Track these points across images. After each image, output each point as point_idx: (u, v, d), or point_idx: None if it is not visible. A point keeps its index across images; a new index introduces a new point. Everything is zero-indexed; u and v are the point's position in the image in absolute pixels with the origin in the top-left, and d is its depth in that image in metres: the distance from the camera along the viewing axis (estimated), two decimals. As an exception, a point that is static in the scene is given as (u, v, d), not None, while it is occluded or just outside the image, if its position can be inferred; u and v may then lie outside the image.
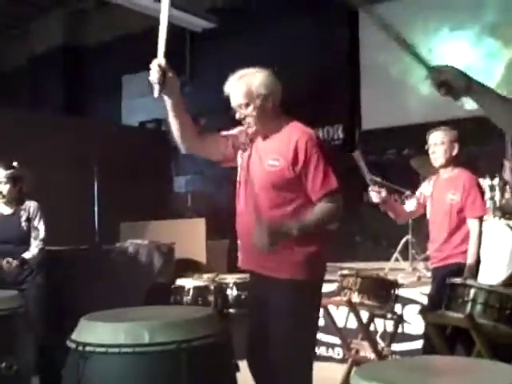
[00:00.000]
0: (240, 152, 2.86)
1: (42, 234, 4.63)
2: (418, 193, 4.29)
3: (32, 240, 4.61)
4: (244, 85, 2.70)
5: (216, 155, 2.91)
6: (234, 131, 2.90)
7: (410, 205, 4.30)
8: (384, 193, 4.00)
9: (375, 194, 4.00)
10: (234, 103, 2.75)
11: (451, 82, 1.99)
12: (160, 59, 2.60)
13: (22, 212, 4.64)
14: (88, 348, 2.18)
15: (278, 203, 2.69)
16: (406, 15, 8.56)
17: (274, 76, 2.77)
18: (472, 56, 8.15)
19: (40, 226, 4.63)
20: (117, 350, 2.14)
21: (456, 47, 8.23)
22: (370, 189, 4.04)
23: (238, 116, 2.76)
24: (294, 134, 2.69)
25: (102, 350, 2.16)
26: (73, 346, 2.23)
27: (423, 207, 4.22)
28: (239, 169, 2.86)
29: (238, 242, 2.85)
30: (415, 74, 8.56)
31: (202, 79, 10.05)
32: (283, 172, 2.66)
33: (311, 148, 2.65)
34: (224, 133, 2.91)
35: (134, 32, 10.87)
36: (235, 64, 2.81)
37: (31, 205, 4.66)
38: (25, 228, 4.61)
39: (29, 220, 4.63)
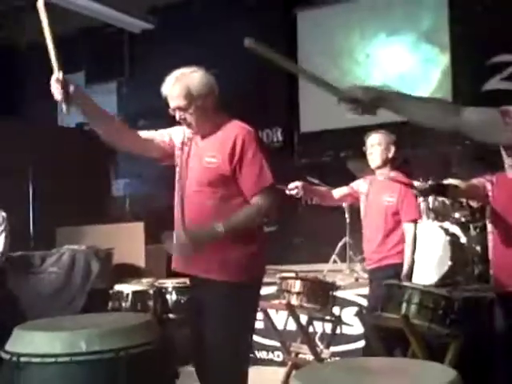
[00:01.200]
0: (178, 152, 2.85)
1: (1, 241, 4.45)
2: (353, 184, 4.35)
3: None
4: (182, 86, 2.68)
5: (153, 152, 2.88)
6: (171, 129, 2.89)
7: (338, 191, 4.33)
8: (298, 183, 3.94)
9: (295, 191, 3.92)
10: (173, 105, 2.73)
11: (362, 97, 2.01)
12: (56, 75, 2.57)
13: None
14: (23, 358, 2.13)
15: (215, 201, 2.68)
16: (344, 20, 8.72)
17: (210, 74, 2.77)
18: (409, 62, 8.34)
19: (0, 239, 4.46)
20: (53, 359, 2.11)
21: (393, 53, 8.41)
22: (287, 192, 3.98)
23: (177, 118, 2.75)
24: (232, 131, 2.71)
25: (38, 360, 2.12)
26: (7, 356, 2.18)
27: (352, 197, 4.28)
28: (177, 168, 2.85)
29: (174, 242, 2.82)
30: (351, 77, 8.73)
31: (141, 80, 9.94)
32: (220, 168, 2.67)
33: (248, 144, 2.66)
34: (160, 130, 2.90)
35: (70, 32, 10.66)
36: (174, 65, 2.80)
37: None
38: None
39: None
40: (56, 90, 2.53)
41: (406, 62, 8.40)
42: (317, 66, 8.87)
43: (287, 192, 3.95)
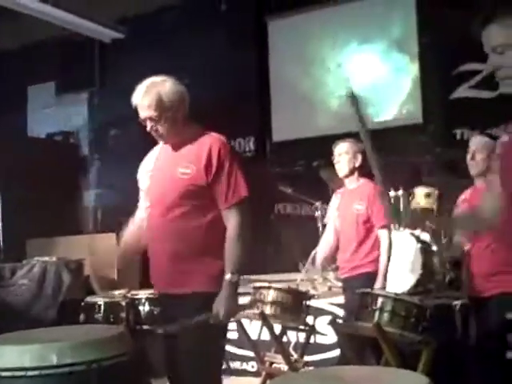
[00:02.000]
0: (145, 174, 2.83)
1: None
2: (329, 212, 4.39)
3: None
4: (153, 96, 2.65)
5: None
6: (138, 176, 2.90)
7: (330, 235, 4.35)
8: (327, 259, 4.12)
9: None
10: (143, 116, 2.70)
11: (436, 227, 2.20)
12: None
13: None
14: (-8, 373, 2.09)
15: (188, 213, 2.66)
16: (315, 29, 8.77)
17: (180, 84, 2.75)
18: (380, 71, 8.42)
19: None
20: (23, 373, 2.07)
21: (365, 62, 8.48)
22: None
23: (148, 128, 2.72)
24: (206, 141, 2.69)
25: (8, 374, 2.09)
26: (-25, 371, 2.14)
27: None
28: (148, 181, 2.82)
29: (151, 261, 2.80)
30: (323, 87, 8.79)
31: (112, 90, 9.88)
32: (195, 179, 2.65)
33: (224, 155, 2.65)
34: (140, 201, 2.92)
35: (40, 41, 10.57)
36: (145, 74, 2.79)
37: None
38: None
39: None
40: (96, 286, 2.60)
41: (378, 71, 8.48)
42: (288, 74, 8.95)
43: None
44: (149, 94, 2.66)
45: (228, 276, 2.58)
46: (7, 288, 5.70)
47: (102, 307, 5.04)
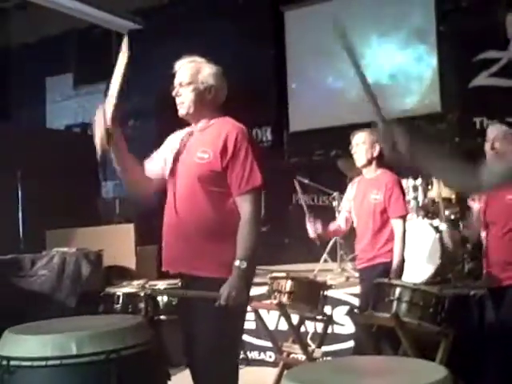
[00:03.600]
0: (169, 155, 2.85)
1: None
2: (344, 201, 4.39)
3: None
4: (193, 68, 2.77)
5: (154, 188, 2.94)
6: (163, 145, 2.91)
7: (341, 219, 4.36)
8: (319, 227, 4.07)
9: (311, 231, 4.08)
10: (176, 80, 2.78)
11: (400, 142, 2.03)
12: (108, 120, 2.67)
13: None
14: (13, 362, 2.12)
15: (204, 198, 2.67)
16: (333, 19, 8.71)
17: (222, 74, 2.83)
18: (400, 60, 8.38)
19: None
20: (43, 362, 2.10)
21: (384, 52, 8.43)
22: (307, 220, 4.12)
23: (174, 92, 2.77)
24: (224, 128, 2.71)
25: (28, 363, 2.11)
26: (-4, 360, 2.17)
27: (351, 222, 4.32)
28: (168, 166, 2.85)
29: (163, 242, 2.82)
30: (341, 76, 8.74)
31: (130, 81, 9.92)
32: (212, 165, 2.66)
33: (241, 142, 2.67)
34: (156, 158, 2.91)
35: (58, 33, 10.62)
36: (162, 65, 2.81)
37: None
38: None
39: None
40: (99, 143, 2.67)
41: (397, 61, 8.43)
42: (306, 63, 8.92)
43: (307, 224, 4.04)
44: (190, 65, 2.78)
45: (237, 262, 2.59)
46: (27, 278, 5.75)
47: (121, 298, 5.08)
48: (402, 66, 8.41)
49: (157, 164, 2.90)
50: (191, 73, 2.76)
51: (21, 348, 2.16)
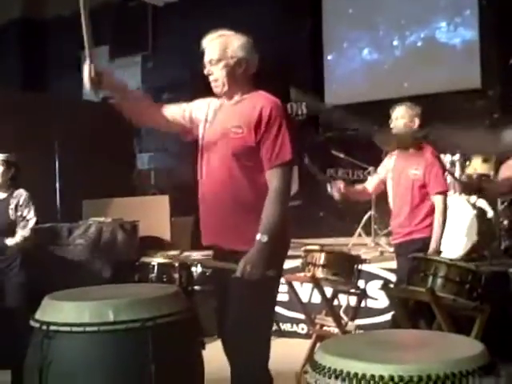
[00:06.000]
0: (202, 123, 2.84)
1: (31, 223, 4.57)
2: (380, 169, 4.33)
3: (18, 229, 4.56)
4: (221, 43, 2.71)
5: (173, 127, 2.89)
6: (193, 103, 2.88)
7: (371, 183, 4.33)
8: (342, 185, 3.97)
9: (336, 193, 3.97)
10: (206, 58, 2.74)
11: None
12: (89, 68, 2.64)
13: (12, 200, 4.58)
14: (52, 327, 2.16)
15: (238, 172, 2.66)
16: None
17: (252, 44, 2.77)
18: (440, 35, 8.21)
19: (30, 215, 4.57)
20: (81, 328, 2.13)
21: (422, 23, 8.28)
22: (328, 187, 4.02)
23: (206, 71, 2.75)
24: (258, 102, 2.68)
25: (67, 329, 2.15)
26: (36, 325, 2.22)
27: (384, 184, 4.27)
28: (200, 140, 2.84)
29: (201, 217, 2.83)
30: (379, 50, 8.62)
31: (165, 54, 9.92)
32: (245, 140, 2.65)
33: (275, 116, 2.64)
34: (183, 105, 2.88)
35: (94, 7, 10.62)
36: (197, 39, 2.78)
37: (22, 193, 4.60)
38: (11, 217, 4.55)
39: (16, 209, 4.56)
40: (87, 80, 2.63)
41: (435, 34, 8.29)
42: (343, 37, 8.81)
43: (328, 189, 3.97)
44: (217, 40, 2.73)
45: (258, 236, 2.58)
46: (65, 247, 5.87)
47: (156, 268, 5.14)
48: (441, 39, 8.25)
49: (179, 111, 2.85)
50: (220, 49, 2.70)
51: (60, 314, 2.19)
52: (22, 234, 4.53)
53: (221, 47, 2.71)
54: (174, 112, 2.86)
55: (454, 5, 8.15)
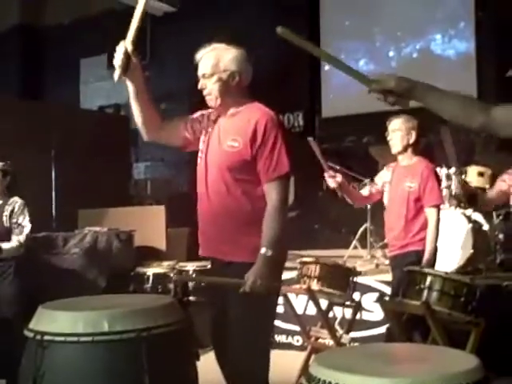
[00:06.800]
0: (202, 136, 2.84)
1: (26, 230, 4.59)
2: (377, 178, 4.34)
3: (13, 236, 4.58)
4: (213, 57, 2.71)
5: (176, 141, 2.89)
6: (195, 115, 2.88)
7: (367, 190, 4.35)
8: (339, 177, 4.02)
9: (331, 180, 4.03)
10: (199, 72, 2.75)
11: (395, 88, 1.97)
12: (127, 43, 2.60)
13: (7, 207, 4.62)
14: (46, 337, 2.15)
15: (235, 186, 2.67)
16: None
17: (245, 56, 2.77)
18: (435, 45, 8.25)
19: (25, 222, 4.60)
20: (76, 338, 2.13)
21: (419, 35, 8.30)
22: (325, 174, 4.07)
23: (199, 85, 2.75)
24: (254, 115, 2.68)
25: (61, 338, 2.14)
26: (30, 335, 2.21)
27: (380, 194, 4.28)
28: (200, 153, 2.84)
29: (200, 228, 2.83)
30: (375, 61, 8.66)
31: (163, 64, 9.95)
32: (241, 154, 2.64)
33: (270, 129, 2.63)
34: (183, 117, 2.89)
35: (94, 14, 10.68)
36: (196, 48, 2.79)
37: (17, 201, 4.64)
38: (5, 224, 4.57)
39: (11, 216, 4.58)
40: (119, 54, 2.59)
41: (432, 46, 8.32)
42: (339, 47, 8.84)
43: (325, 174, 4.00)
44: (210, 54, 2.73)
45: (262, 250, 2.58)
46: (60, 256, 5.85)
47: (151, 278, 5.13)
48: (436, 47, 8.29)
49: (182, 123, 2.85)
50: (212, 63, 2.70)
51: (54, 324, 2.19)
52: (17, 239, 4.54)
53: (213, 61, 2.70)
54: (177, 124, 2.87)
55: (449, 17, 8.20)
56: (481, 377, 1.73)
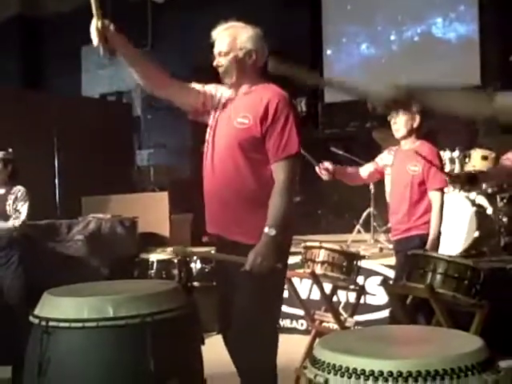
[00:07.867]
0: (212, 112, 2.83)
1: (23, 216, 4.65)
2: (377, 159, 4.31)
3: (10, 220, 4.65)
4: (230, 35, 2.72)
5: (184, 104, 2.86)
6: (209, 87, 2.84)
7: (365, 169, 4.30)
8: (330, 166, 3.94)
9: (324, 173, 3.94)
10: (215, 50, 2.75)
11: (397, 98, 1.96)
12: (96, 21, 2.58)
13: (10, 195, 4.68)
14: (51, 323, 2.16)
15: (243, 164, 2.66)
16: None
17: (262, 36, 2.78)
18: (439, 31, 8.19)
19: (23, 209, 4.67)
20: (80, 324, 2.14)
21: (421, 19, 8.25)
22: (316, 169, 3.98)
23: (215, 63, 2.75)
24: (266, 94, 2.68)
25: (66, 324, 2.15)
26: (36, 321, 2.22)
27: (379, 174, 4.25)
28: (208, 129, 2.83)
29: (206, 205, 2.82)
30: (379, 46, 8.61)
31: (165, 50, 9.91)
32: (251, 130, 2.64)
33: (282, 108, 2.63)
34: (198, 86, 2.85)
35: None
36: (197, 35, 2.78)
37: (20, 189, 4.70)
38: (8, 213, 4.65)
39: (14, 203, 4.64)
40: (94, 35, 2.57)
41: (435, 31, 8.27)
42: (342, 32, 8.80)
43: (317, 170, 3.95)
44: (226, 32, 2.74)
45: (266, 229, 2.57)
46: (64, 243, 5.87)
47: (155, 264, 5.14)
48: (440, 36, 8.24)
49: (195, 90, 2.82)
50: (229, 40, 2.71)
51: (59, 310, 2.20)
52: (13, 223, 4.61)
53: (230, 39, 2.71)
54: (191, 91, 2.81)
55: (450, 0, 8.14)
56: (485, 358, 1.74)
